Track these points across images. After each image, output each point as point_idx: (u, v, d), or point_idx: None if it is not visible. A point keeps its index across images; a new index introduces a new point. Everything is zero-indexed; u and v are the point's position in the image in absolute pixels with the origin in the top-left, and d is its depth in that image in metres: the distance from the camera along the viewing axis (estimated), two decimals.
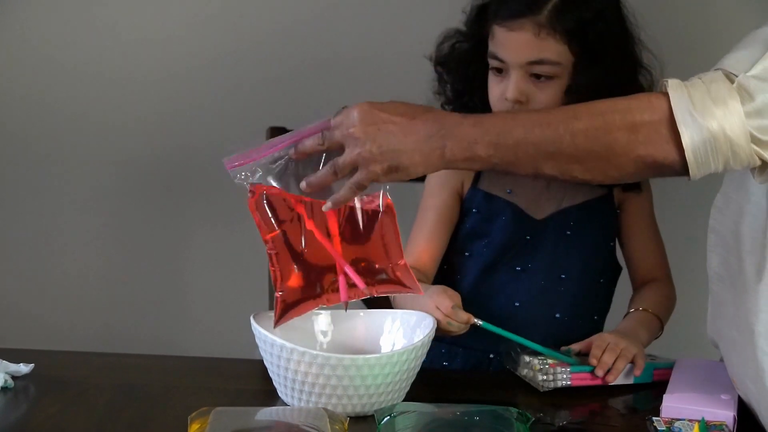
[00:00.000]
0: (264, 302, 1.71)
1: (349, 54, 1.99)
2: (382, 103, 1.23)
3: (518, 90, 1.46)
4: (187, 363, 1.53)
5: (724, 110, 1.10)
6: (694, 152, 1.11)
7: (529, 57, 1.45)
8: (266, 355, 1.29)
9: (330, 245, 1.31)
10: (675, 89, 1.13)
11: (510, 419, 1.20)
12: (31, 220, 2.09)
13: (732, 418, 1.25)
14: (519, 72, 1.46)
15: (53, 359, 1.47)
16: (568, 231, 1.57)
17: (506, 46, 1.47)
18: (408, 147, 1.20)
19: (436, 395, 1.32)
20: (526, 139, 1.17)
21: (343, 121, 1.23)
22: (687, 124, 1.11)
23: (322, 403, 1.25)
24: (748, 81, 1.10)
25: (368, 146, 1.21)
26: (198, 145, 2.06)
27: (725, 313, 1.30)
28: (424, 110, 1.23)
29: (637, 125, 1.14)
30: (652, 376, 1.43)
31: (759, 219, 1.20)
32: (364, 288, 1.31)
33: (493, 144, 1.18)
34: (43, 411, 1.29)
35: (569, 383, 1.37)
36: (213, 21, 2.02)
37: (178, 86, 2.04)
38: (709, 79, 1.13)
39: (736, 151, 1.11)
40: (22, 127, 2.06)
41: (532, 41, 1.44)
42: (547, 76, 1.46)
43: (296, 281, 1.32)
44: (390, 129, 1.20)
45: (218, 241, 2.08)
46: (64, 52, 2.03)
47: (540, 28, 1.44)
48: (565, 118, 1.17)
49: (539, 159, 1.18)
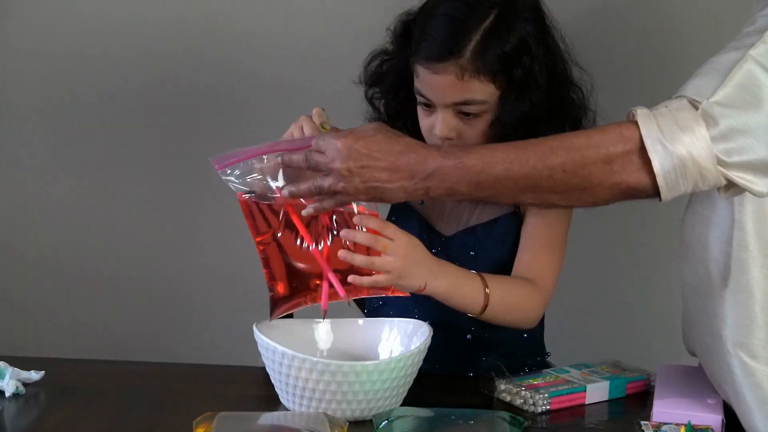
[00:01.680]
0: (266, 311, 1.69)
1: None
2: (363, 137, 1.24)
3: (447, 128, 1.43)
4: (193, 370, 1.54)
5: (691, 136, 1.13)
6: (665, 177, 1.14)
7: (455, 99, 1.41)
8: (268, 362, 1.31)
9: (317, 250, 1.34)
10: (644, 119, 1.16)
11: (503, 423, 1.23)
12: (40, 228, 2.09)
13: (720, 421, 1.27)
14: (446, 111, 1.43)
15: (63, 366, 1.48)
16: (471, 251, 1.53)
17: (431, 87, 1.42)
18: (392, 186, 1.23)
19: (433, 401, 1.33)
20: (507, 176, 1.20)
21: (326, 152, 1.25)
22: (657, 152, 1.14)
23: (322, 408, 1.27)
24: (712, 107, 1.13)
25: (353, 182, 1.24)
26: (201, 151, 2.05)
27: (697, 320, 1.33)
28: (405, 148, 1.24)
29: (611, 157, 1.17)
30: (626, 389, 1.43)
31: (724, 228, 1.24)
32: (343, 296, 1.34)
33: (474, 183, 1.21)
34: (54, 416, 1.31)
35: (548, 408, 1.36)
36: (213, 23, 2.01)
37: (180, 88, 2.03)
38: (676, 108, 1.16)
39: (703, 174, 1.14)
40: (24, 131, 2.07)
41: (457, 84, 1.40)
42: (474, 114, 1.43)
43: (283, 284, 1.36)
44: (373, 166, 1.23)
45: (222, 251, 2.07)
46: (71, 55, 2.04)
47: (463, 71, 1.39)
48: (543, 156, 1.19)
49: (518, 192, 1.21)
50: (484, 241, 1.53)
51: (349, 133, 1.25)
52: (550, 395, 1.37)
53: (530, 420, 1.33)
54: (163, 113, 2.05)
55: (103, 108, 2.05)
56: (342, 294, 1.34)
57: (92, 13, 2.01)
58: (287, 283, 1.37)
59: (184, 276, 2.11)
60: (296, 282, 1.37)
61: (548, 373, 1.45)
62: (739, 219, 1.22)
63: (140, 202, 2.09)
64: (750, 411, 1.24)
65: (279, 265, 1.37)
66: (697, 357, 1.41)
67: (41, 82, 2.05)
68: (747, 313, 1.23)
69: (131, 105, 2.05)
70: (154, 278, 2.11)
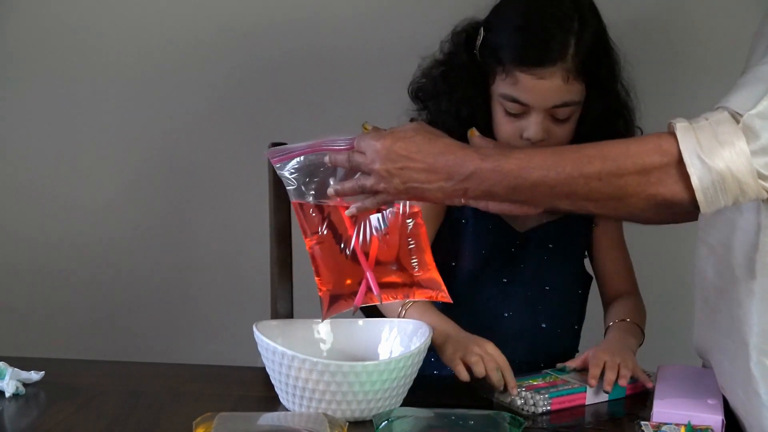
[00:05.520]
0: (266, 311, 1.72)
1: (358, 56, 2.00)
2: (403, 138, 1.25)
3: (542, 131, 1.47)
4: (193, 370, 1.54)
5: (730, 151, 1.12)
6: (704, 192, 1.13)
7: (557, 101, 1.46)
8: (268, 362, 1.31)
9: (360, 251, 1.35)
10: (683, 132, 1.15)
11: (503, 423, 1.23)
12: (42, 232, 2.10)
13: (720, 422, 1.27)
14: (542, 114, 1.47)
15: (63, 367, 1.49)
16: (550, 244, 1.60)
17: (534, 92, 1.45)
18: (431, 186, 1.24)
19: (432, 401, 1.33)
20: (543, 182, 1.20)
21: (366, 153, 1.26)
22: (695, 166, 1.13)
23: (322, 408, 1.27)
24: (753, 120, 1.12)
25: (393, 182, 1.24)
26: (204, 156, 2.06)
27: (720, 322, 1.31)
28: (444, 149, 1.24)
29: (648, 168, 1.16)
30: (626, 389, 1.44)
31: (750, 234, 1.22)
32: (377, 294, 1.35)
33: (512, 187, 1.21)
34: (54, 417, 1.31)
35: (548, 408, 1.37)
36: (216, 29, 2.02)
37: (183, 93, 2.04)
38: (716, 121, 1.14)
39: (744, 189, 1.13)
40: (28, 138, 2.07)
41: (562, 87, 1.45)
42: (568, 115, 1.48)
43: (331, 281, 1.36)
44: (412, 167, 1.23)
45: (222, 252, 2.08)
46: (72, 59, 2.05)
47: (568, 74, 1.44)
48: (580, 164, 1.18)
49: (555, 198, 1.21)
50: (562, 236, 1.60)
51: (388, 134, 1.26)
52: (550, 396, 1.37)
53: (531, 420, 1.33)
54: (164, 113, 2.06)
55: (103, 108, 2.06)
56: (376, 292, 1.35)
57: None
58: (338, 282, 1.37)
59: (184, 276, 2.11)
60: (347, 281, 1.37)
61: (548, 373, 1.45)
62: (765, 224, 1.20)
63: (140, 202, 2.09)
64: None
65: (329, 265, 1.36)
66: (702, 358, 1.40)
67: (39, 80, 2.06)
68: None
69: (131, 105, 2.05)
70: (154, 278, 2.11)
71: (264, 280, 1.74)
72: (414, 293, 1.38)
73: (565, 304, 1.62)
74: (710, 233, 1.31)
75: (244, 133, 2.02)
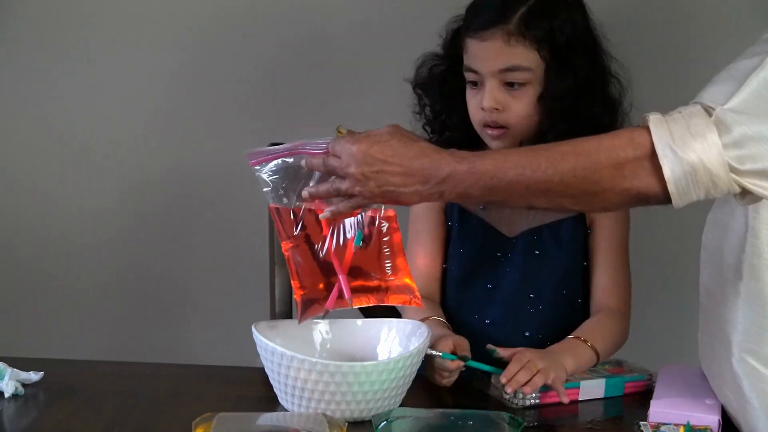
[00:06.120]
0: (266, 312, 1.72)
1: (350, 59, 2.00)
2: (378, 142, 1.25)
3: (493, 98, 1.49)
4: (192, 371, 1.55)
5: (702, 143, 1.12)
6: (675, 184, 1.14)
7: (501, 64, 1.49)
8: (267, 362, 1.32)
9: (333, 255, 1.35)
10: (656, 125, 1.16)
11: (502, 423, 1.23)
12: (41, 232, 2.10)
13: (717, 422, 1.28)
14: (493, 81, 1.50)
15: (62, 367, 1.49)
16: (536, 250, 1.58)
17: (478, 55, 1.50)
18: (407, 189, 1.24)
19: (431, 401, 1.34)
20: (518, 181, 1.20)
21: (341, 156, 1.26)
22: (668, 158, 1.14)
23: (321, 408, 1.27)
24: (726, 114, 1.13)
25: (369, 186, 1.24)
26: (204, 156, 2.06)
27: (710, 326, 1.32)
28: (419, 152, 1.24)
29: (622, 162, 1.16)
30: (624, 389, 1.44)
31: (739, 235, 1.23)
32: (348, 298, 1.35)
33: (488, 187, 1.21)
34: (53, 417, 1.32)
35: (537, 401, 1.38)
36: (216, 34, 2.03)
37: (183, 93, 2.04)
38: (689, 114, 1.15)
39: (715, 181, 1.13)
40: (28, 138, 2.08)
41: (503, 49, 1.48)
42: (520, 83, 1.49)
43: (306, 284, 1.36)
44: (387, 171, 1.24)
45: (221, 252, 2.08)
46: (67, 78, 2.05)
47: (509, 36, 1.48)
48: (554, 160, 1.19)
49: (531, 196, 1.21)
50: (548, 243, 1.58)
51: (364, 138, 1.26)
52: (540, 389, 1.37)
53: (521, 415, 1.33)
54: (164, 113, 2.06)
55: (103, 108, 2.06)
56: (347, 296, 1.35)
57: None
58: (313, 286, 1.37)
59: (184, 276, 2.11)
60: (320, 285, 1.37)
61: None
62: (753, 226, 1.21)
63: (140, 202, 2.09)
64: (756, 418, 1.23)
65: (304, 269, 1.36)
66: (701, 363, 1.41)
67: (39, 79, 2.06)
68: (759, 320, 1.22)
69: (131, 104, 2.05)
70: (154, 279, 2.11)
71: (263, 280, 1.74)
72: (387, 298, 1.38)
73: (556, 315, 1.58)
74: (709, 237, 1.32)
75: (244, 132, 2.01)
